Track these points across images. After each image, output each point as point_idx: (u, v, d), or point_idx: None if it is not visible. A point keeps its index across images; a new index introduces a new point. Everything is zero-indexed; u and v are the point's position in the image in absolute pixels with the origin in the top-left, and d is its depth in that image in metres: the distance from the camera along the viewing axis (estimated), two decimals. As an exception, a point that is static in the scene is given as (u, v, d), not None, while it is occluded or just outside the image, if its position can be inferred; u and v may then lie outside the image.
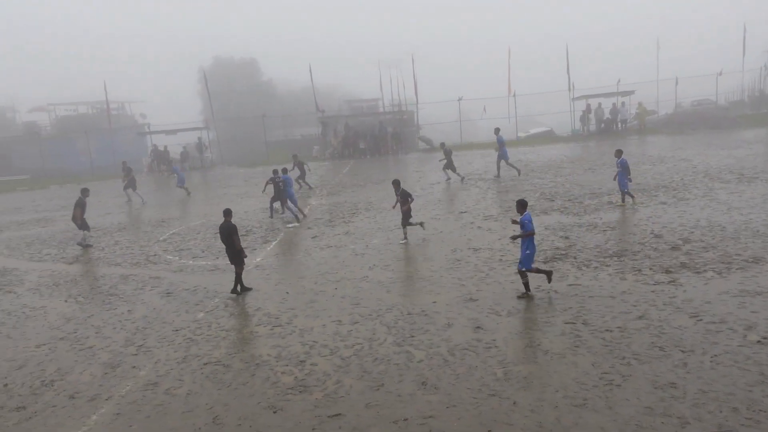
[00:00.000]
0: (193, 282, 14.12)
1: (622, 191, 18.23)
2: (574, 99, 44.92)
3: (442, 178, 26.36)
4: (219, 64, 71.92)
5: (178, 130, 47.30)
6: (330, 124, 44.86)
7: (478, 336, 9.64)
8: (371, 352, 9.40)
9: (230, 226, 12.90)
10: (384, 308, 11.25)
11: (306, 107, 51.87)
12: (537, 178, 25.12)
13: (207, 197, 28.60)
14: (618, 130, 42.21)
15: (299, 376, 8.78)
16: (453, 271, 13.17)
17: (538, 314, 10.31)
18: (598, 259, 13.12)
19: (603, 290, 11.19)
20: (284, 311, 11.61)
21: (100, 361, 9.99)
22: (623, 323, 9.61)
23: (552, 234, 15.52)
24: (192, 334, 10.79)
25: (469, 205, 20.49)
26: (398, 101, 48.83)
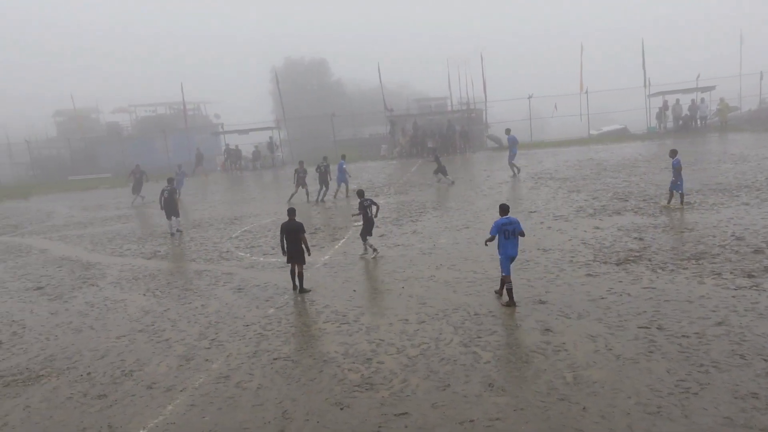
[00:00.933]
0: (264, 278, 14.47)
1: (671, 191, 17.98)
2: (650, 95, 43.39)
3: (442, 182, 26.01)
4: (290, 64, 73.49)
5: (250, 129, 48.61)
6: (398, 123, 45.01)
7: (547, 338, 9.46)
8: (438, 351, 9.38)
9: (298, 224, 13.17)
10: (451, 308, 11.21)
11: (374, 106, 52.28)
12: (610, 177, 24.42)
13: (278, 196, 29.21)
14: (697, 127, 40.51)
15: (366, 374, 8.85)
16: (522, 272, 12.96)
17: (610, 318, 10.03)
18: (674, 261, 12.64)
19: (680, 294, 10.77)
20: (351, 309, 11.73)
21: (176, 353, 10.37)
22: (701, 329, 9.22)
23: (625, 235, 15.06)
24: (262, 330, 11.06)
25: (538, 204, 20.13)
26: (467, 99, 48.47)
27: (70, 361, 10.47)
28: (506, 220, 11.19)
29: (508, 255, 11.15)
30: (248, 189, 33.73)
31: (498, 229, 11.12)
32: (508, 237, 11.06)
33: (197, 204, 28.69)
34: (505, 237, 11.07)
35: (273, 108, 64.53)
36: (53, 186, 45.56)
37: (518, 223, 11.21)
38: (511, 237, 11.06)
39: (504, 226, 11.10)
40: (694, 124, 40.78)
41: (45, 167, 55.28)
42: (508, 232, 11.06)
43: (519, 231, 11.11)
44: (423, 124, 44.64)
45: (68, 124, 60.70)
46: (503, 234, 11.06)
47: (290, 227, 13.17)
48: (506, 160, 28.39)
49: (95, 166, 53.15)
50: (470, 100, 47.81)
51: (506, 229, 11.08)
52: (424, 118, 46.81)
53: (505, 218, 11.23)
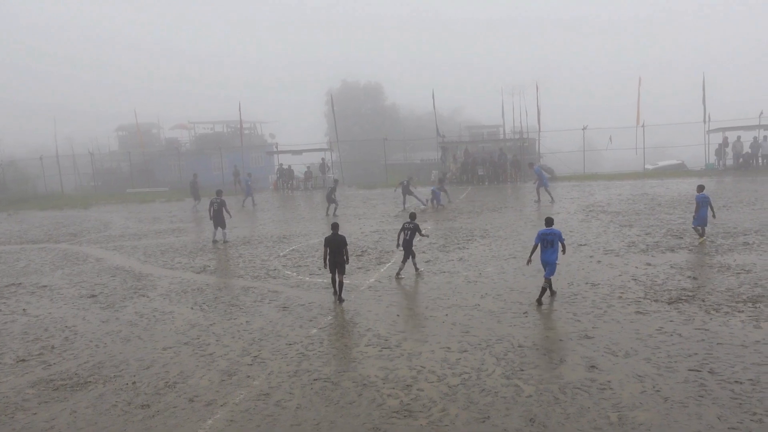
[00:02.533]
0: (309, 298, 14.59)
1: (696, 227, 18.08)
2: (710, 131, 42.27)
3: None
4: (346, 88, 74.69)
5: (303, 150, 49.38)
6: (450, 149, 45.04)
7: (592, 375, 9.23)
8: (479, 382, 9.26)
9: (342, 237, 14.20)
10: (494, 338, 11.06)
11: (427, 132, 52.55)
12: (665, 213, 23.82)
13: (327, 217, 29.51)
14: (758, 166, 39.20)
15: (405, 401, 8.80)
16: (568, 306, 12.72)
17: (660, 358, 9.72)
18: (729, 303, 12.20)
19: (734, 338, 10.38)
20: (394, 334, 11.71)
21: (219, 368, 10.52)
22: (756, 375, 8.85)
23: (678, 273, 14.63)
24: (304, 349, 11.13)
25: (589, 237, 19.77)
26: (519, 128, 48.20)
27: (117, 370, 10.74)
28: (548, 230, 13.09)
29: (545, 260, 12.97)
30: (298, 209, 34.18)
31: (539, 239, 13.05)
32: (546, 246, 12.93)
33: (248, 221, 29.22)
34: (543, 245, 12.96)
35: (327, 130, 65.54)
36: (112, 197, 47.16)
37: (560, 234, 13.09)
38: (549, 246, 12.88)
39: (544, 236, 13.02)
40: (755, 163, 39.46)
41: (106, 179, 57.39)
42: (546, 241, 12.95)
43: (560, 240, 13.03)
44: (474, 151, 44.53)
45: (130, 138, 62.97)
46: (543, 242, 12.96)
47: (335, 240, 14.11)
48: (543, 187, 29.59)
49: (153, 180, 54.87)
50: (523, 129, 47.52)
51: (546, 238, 12.98)
52: (475, 145, 46.71)
53: (547, 229, 13.14)
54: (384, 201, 34.26)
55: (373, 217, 27.71)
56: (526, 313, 12.42)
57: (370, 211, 30.38)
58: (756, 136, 40.12)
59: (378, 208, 31.12)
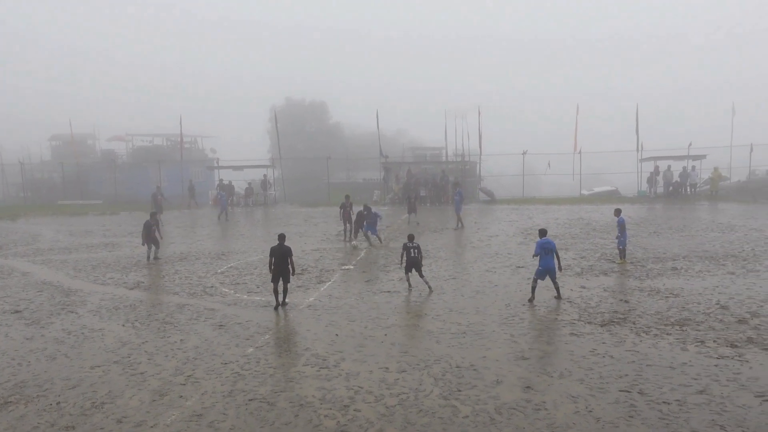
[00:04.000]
0: (246, 316, 14.31)
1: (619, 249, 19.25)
2: (642, 160, 44.05)
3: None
4: (290, 105, 74.38)
5: (245, 166, 48.79)
6: (392, 170, 45.33)
7: (528, 396, 9.35)
8: (416, 403, 9.24)
9: (287, 248, 14.89)
10: (432, 359, 11.09)
11: (370, 151, 52.75)
12: (599, 237, 24.56)
13: (267, 233, 29.15)
14: (687, 194, 41.02)
15: (342, 421, 8.69)
16: (506, 327, 12.90)
17: (592, 379, 9.94)
18: (658, 326, 12.62)
19: (662, 359, 10.72)
20: (332, 353, 11.59)
21: (150, 387, 10.16)
22: (682, 396, 9.15)
23: (611, 296, 15.07)
24: (240, 369, 10.88)
25: (527, 260, 20.16)
26: (462, 151, 49.01)
27: (41, 389, 10.23)
28: (545, 240, 14.65)
29: (547, 267, 14.52)
30: (238, 225, 33.65)
31: (540, 248, 14.56)
32: (546, 253, 14.50)
33: (185, 237, 28.54)
34: (545, 253, 14.50)
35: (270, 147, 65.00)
36: (42, 209, 45.33)
37: (554, 243, 14.77)
38: (550, 253, 14.52)
39: (544, 245, 14.55)
40: (684, 191, 41.29)
41: (37, 190, 55.11)
42: (546, 249, 14.51)
43: (554, 250, 14.63)
44: (417, 172, 44.98)
45: (63, 148, 60.72)
46: (543, 251, 14.50)
47: (280, 251, 14.74)
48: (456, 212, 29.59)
49: (87, 192, 53.04)
50: (465, 152, 48.34)
51: (546, 247, 14.54)
52: (418, 166, 47.20)
53: (544, 239, 14.68)
54: (326, 219, 34.12)
55: (314, 236, 27.55)
56: (508, 304, 12.52)
57: (312, 229, 30.21)
58: (685, 165, 42.09)
59: (319, 227, 30.96)
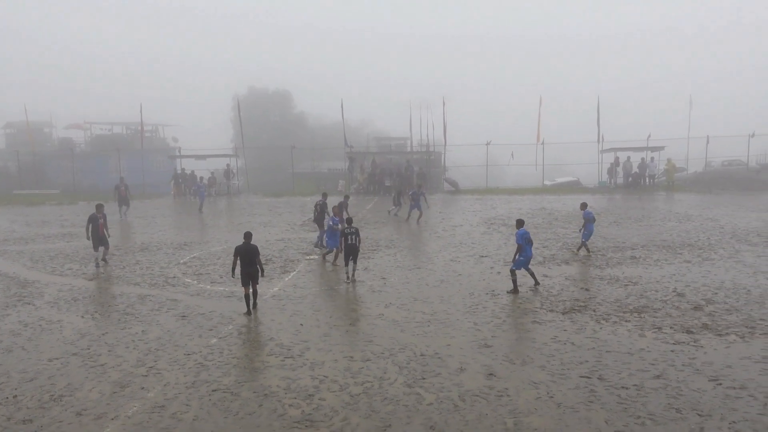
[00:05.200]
0: (209, 307, 14.16)
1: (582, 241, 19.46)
2: (603, 151, 44.82)
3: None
4: (253, 94, 73.51)
5: (207, 155, 48.12)
6: (357, 160, 45.26)
7: (491, 383, 9.48)
8: (381, 391, 9.28)
9: (255, 247, 13.75)
10: (397, 348, 11.15)
11: (335, 141, 52.55)
12: (560, 227, 24.96)
13: (230, 224, 28.85)
14: (645, 185, 41.91)
15: (306, 410, 8.68)
16: (469, 315, 13.04)
17: (554, 365, 10.12)
18: (617, 313, 12.91)
19: (621, 346, 10.97)
20: (297, 343, 11.56)
21: (110, 379, 9.99)
22: (640, 381, 9.39)
23: (572, 285, 15.34)
24: (203, 360, 10.78)
25: (490, 249, 20.38)
26: (426, 141, 49.17)
27: (-3, 382, 9.98)
28: (523, 231, 14.92)
29: (528, 256, 14.87)
30: (201, 215, 33.21)
31: (522, 238, 14.76)
32: (527, 243, 14.80)
33: (147, 227, 28.06)
34: (525, 242, 14.76)
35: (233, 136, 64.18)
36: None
37: (529, 236, 15.03)
38: (529, 243, 14.89)
39: (525, 236, 14.83)
40: (643, 182, 42.17)
41: (-10, 179, 53.44)
42: (526, 239, 14.81)
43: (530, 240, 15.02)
44: (382, 162, 45.00)
45: (19, 136, 58.97)
46: (525, 241, 14.75)
47: (247, 250, 13.59)
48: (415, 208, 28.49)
49: (44, 182, 51.66)
50: (430, 143, 48.50)
51: (526, 237, 14.85)
52: (383, 156, 47.22)
53: (523, 230, 14.95)
54: (290, 209, 33.92)
55: (279, 226, 27.38)
56: (472, 293, 12.61)
57: (276, 219, 30.00)
58: (644, 157, 42.95)
59: (284, 217, 30.77)
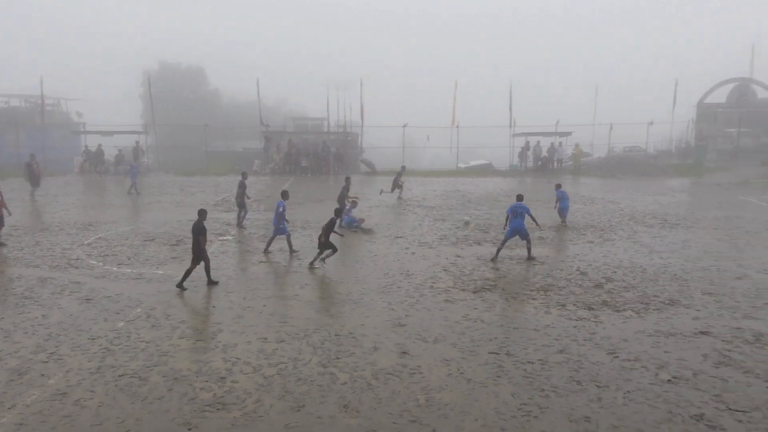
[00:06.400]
0: (116, 289, 13.64)
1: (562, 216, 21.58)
2: (514, 135, 46.14)
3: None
4: (165, 69, 70.74)
5: (114, 132, 45.96)
6: (273, 139, 44.52)
7: (404, 361, 9.65)
8: (295, 372, 9.27)
9: (197, 224, 13.70)
10: (312, 328, 11.15)
11: (250, 120, 51.45)
12: (473, 208, 25.57)
13: (139, 203, 27.80)
14: (554, 168, 43.53)
15: (218, 393, 8.56)
16: (384, 295, 13.19)
17: (464, 343, 10.42)
18: (525, 291, 13.42)
19: (528, 323, 11.43)
20: (209, 326, 11.35)
21: (7, 366, 9.47)
22: (544, 356, 9.82)
23: (483, 265, 15.79)
24: (109, 344, 10.39)
25: (405, 230, 20.65)
26: (344, 122, 48.98)
27: None
28: (518, 204, 16.18)
29: (515, 227, 15.96)
30: (108, 194, 31.82)
31: (511, 210, 16.10)
32: (515, 216, 15.96)
33: (48, 206, 26.60)
34: (513, 216, 15.98)
35: (142, 112, 61.63)
36: None
37: (527, 209, 16.18)
38: (518, 216, 15.93)
39: (515, 209, 16.05)
40: (552, 166, 43.79)
41: None
42: (516, 212, 15.98)
43: (527, 213, 16.08)
44: (298, 142, 44.49)
45: None
46: (513, 213, 15.98)
47: (193, 227, 13.80)
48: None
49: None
50: (347, 124, 48.36)
51: (516, 210, 16.01)
52: (299, 136, 46.68)
53: (517, 203, 16.23)
54: (203, 189, 33.04)
55: (191, 206, 26.53)
56: (386, 273, 12.66)
57: (189, 198, 29.13)
58: (553, 141, 44.56)
59: (196, 196, 29.93)
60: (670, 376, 9.02)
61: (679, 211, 24.47)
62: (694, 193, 31.82)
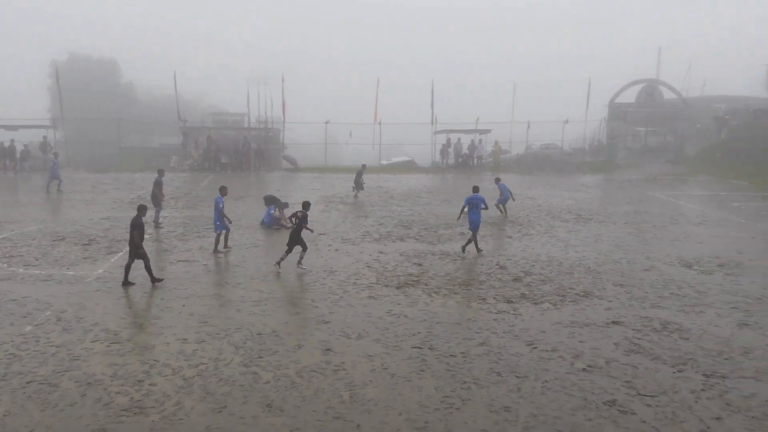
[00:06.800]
0: (22, 292, 12.90)
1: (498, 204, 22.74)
2: (436, 132, 46.82)
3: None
4: (75, 61, 67.49)
5: (19, 126, 43.45)
6: (191, 135, 43.33)
7: (328, 358, 9.62)
8: (216, 372, 9.07)
9: (132, 221, 13.36)
10: (233, 327, 10.93)
11: (167, 115, 49.86)
12: (396, 205, 25.77)
13: (46, 202, 26.44)
14: (474, 165, 44.46)
15: (135, 397, 8.26)
16: (307, 293, 13.10)
17: (388, 338, 10.49)
18: (447, 286, 13.64)
19: (450, 317, 11.63)
20: (125, 327, 10.92)
21: None
22: (466, 349, 10.02)
23: (406, 260, 15.94)
24: (15, 350, 9.83)
25: (328, 227, 20.57)
26: (265, 118, 48.26)
27: None
28: (474, 196, 16.57)
29: (471, 219, 16.40)
30: (13, 192, 30.10)
31: (467, 202, 16.49)
32: (471, 208, 16.37)
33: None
34: (469, 208, 16.41)
35: (50, 105, 58.57)
36: None
37: (483, 200, 16.65)
38: (474, 208, 16.34)
39: (471, 200, 16.47)
40: (472, 163, 44.72)
41: None
42: (472, 204, 16.38)
43: (482, 205, 16.51)
44: (218, 138, 43.49)
45: None
46: (470, 205, 16.36)
47: (131, 221, 13.39)
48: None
49: None
50: (268, 120, 47.66)
51: (472, 202, 16.42)
52: (219, 132, 45.66)
53: (473, 195, 16.63)
54: (117, 186, 31.76)
55: (104, 203, 25.53)
56: (310, 270, 12.48)
57: (101, 196, 27.92)
58: (473, 139, 45.50)
59: (110, 194, 28.73)
60: (584, 365, 9.40)
61: (592, 207, 25.53)
62: (606, 189, 33.28)
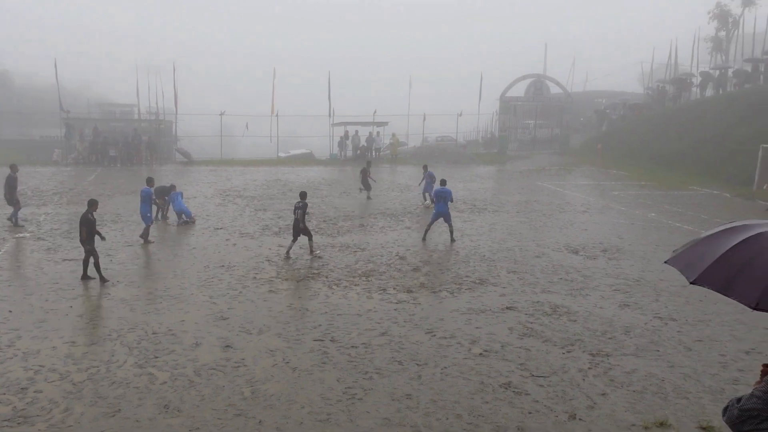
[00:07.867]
0: None
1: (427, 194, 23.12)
2: (334, 124, 46.80)
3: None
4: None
5: None
6: (76, 127, 40.93)
7: (227, 355, 9.44)
8: (108, 375, 8.67)
9: (82, 217, 13.24)
10: (126, 328, 10.49)
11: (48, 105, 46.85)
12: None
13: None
14: (372, 157, 44.84)
15: (19, 406, 7.75)
16: (204, 289, 12.77)
17: (289, 332, 10.43)
18: (348, 278, 13.72)
19: (351, 308, 11.71)
20: (5, 332, 10.21)
21: None
22: (368, 340, 10.13)
23: (306, 253, 15.87)
24: None
25: (225, 221, 20.13)
26: (156, 110, 46.39)
27: None
28: (441, 189, 17.42)
29: (437, 211, 17.14)
30: None
31: (436, 195, 17.41)
32: (438, 200, 17.13)
33: None
34: (437, 200, 17.19)
35: None
36: None
37: (450, 192, 17.32)
38: (441, 200, 17.04)
39: (438, 193, 17.32)
40: (370, 155, 45.06)
41: None
42: (440, 197, 17.12)
43: (450, 198, 17.15)
44: (105, 130, 41.35)
45: None
46: (437, 198, 17.19)
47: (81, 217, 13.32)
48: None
49: None
50: (160, 111, 45.86)
51: (439, 195, 17.19)
52: (106, 124, 43.44)
53: (441, 188, 17.50)
54: None
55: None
56: (207, 266, 12.06)
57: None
58: (371, 131, 45.85)
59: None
60: (481, 350, 9.75)
61: (486, 197, 26.45)
62: (498, 179, 34.58)
